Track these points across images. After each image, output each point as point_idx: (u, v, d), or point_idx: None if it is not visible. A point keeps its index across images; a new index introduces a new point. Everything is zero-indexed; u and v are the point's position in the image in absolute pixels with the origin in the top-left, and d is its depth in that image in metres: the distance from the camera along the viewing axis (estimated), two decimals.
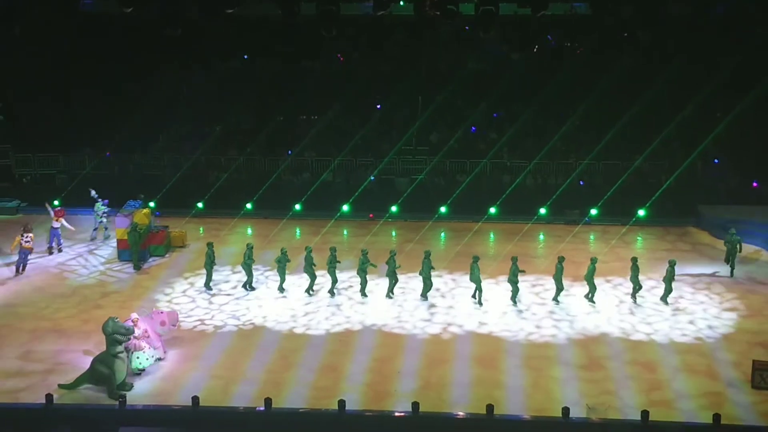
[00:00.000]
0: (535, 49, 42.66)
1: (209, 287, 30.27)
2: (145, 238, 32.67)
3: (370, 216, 37.05)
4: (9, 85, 42.21)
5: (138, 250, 32.22)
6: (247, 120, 43.61)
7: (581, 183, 38.79)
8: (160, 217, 35.14)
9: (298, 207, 36.37)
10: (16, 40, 36.93)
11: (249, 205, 36.43)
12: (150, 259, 32.99)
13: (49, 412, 22.51)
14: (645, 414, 21.90)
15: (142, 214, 32.95)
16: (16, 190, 39.48)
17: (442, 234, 35.97)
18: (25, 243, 31.39)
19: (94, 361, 23.68)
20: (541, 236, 35.71)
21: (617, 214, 35.89)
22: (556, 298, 29.17)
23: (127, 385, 23.70)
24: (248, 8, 35.04)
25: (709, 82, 37.33)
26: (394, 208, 36.41)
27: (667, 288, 29.01)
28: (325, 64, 44.44)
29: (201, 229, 36.10)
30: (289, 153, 40.95)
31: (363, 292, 29.72)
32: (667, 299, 29.09)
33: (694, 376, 24.79)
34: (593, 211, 35.49)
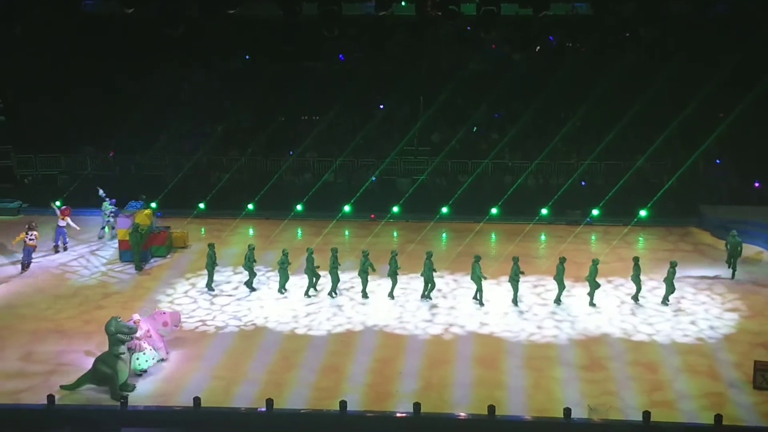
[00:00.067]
0: (537, 50, 42.62)
1: (211, 288, 30.30)
2: (147, 238, 32.65)
3: (372, 216, 37.03)
4: (10, 85, 42.18)
5: (140, 251, 32.24)
6: (247, 119, 43.55)
7: (583, 183, 38.71)
8: (161, 217, 35.14)
9: (299, 207, 36.37)
10: (17, 40, 36.95)
11: (250, 206, 36.46)
12: (152, 260, 32.99)
13: (51, 412, 22.54)
14: (646, 415, 21.92)
15: (144, 215, 32.94)
16: (17, 191, 39.38)
17: (444, 234, 35.94)
18: (30, 241, 31.50)
19: (96, 361, 23.70)
20: (543, 237, 35.68)
21: (619, 215, 35.88)
22: (558, 299, 29.17)
23: (129, 386, 23.72)
24: (249, 9, 35.02)
25: (710, 80, 37.27)
26: (396, 209, 36.40)
27: (668, 289, 28.98)
28: (326, 64, 44.40)
29: (203, 230, 36.09)
30: (291, 153, 40.92)
31: (364, 293, 29.72)
32: (667, 300, 29.07)
33: (695, 376, 24.78)
34: (595, 212, 35.54)
